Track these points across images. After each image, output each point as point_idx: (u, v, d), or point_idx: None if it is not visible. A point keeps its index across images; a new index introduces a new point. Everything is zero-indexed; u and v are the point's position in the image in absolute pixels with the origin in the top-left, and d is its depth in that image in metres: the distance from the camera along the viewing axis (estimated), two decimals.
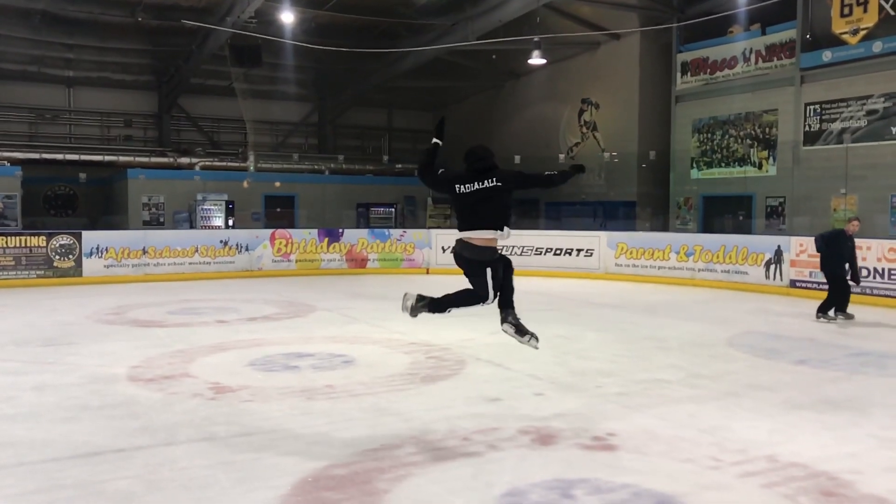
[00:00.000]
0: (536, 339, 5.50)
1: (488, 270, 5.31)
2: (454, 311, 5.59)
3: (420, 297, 5.58)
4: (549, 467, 4.52)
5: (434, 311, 5.56)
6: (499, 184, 5.23)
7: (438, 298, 5.57)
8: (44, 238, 15.36)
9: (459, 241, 5.36)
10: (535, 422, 5.48)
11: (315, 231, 18.32)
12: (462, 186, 5.30)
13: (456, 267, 5.48)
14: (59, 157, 22.14)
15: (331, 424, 5.40)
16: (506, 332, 5.53)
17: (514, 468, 4.49)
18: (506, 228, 5.28)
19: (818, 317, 10.66)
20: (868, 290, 12.62)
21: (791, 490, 4.17)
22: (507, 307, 5.50)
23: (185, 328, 9.81)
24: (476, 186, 5.26)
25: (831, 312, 10.67)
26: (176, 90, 25.10)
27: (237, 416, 5.62)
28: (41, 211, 23.10)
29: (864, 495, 4.12)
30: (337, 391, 6.37)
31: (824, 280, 10.85)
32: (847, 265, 10.60)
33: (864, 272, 12.62)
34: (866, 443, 5.07)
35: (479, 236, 5.26)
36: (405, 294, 5.65)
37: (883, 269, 12.48)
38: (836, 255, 10.55)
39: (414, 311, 5.58)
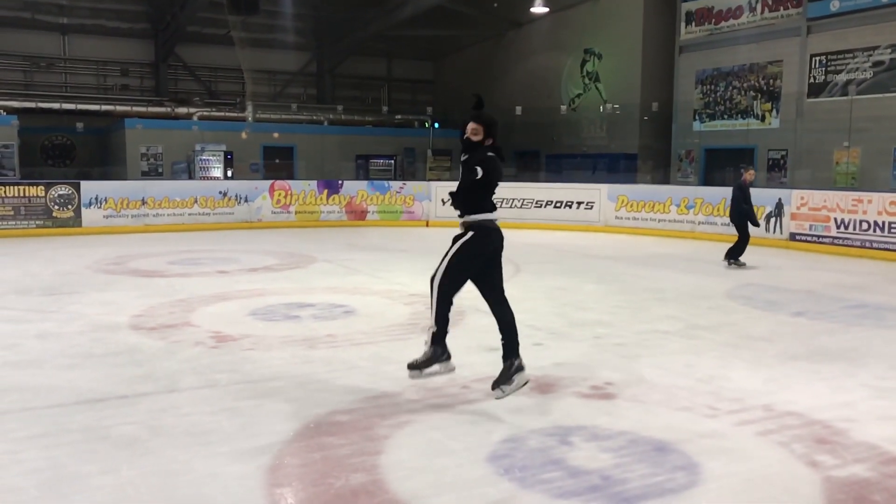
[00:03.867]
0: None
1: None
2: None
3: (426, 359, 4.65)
4: (547, 415, 4.59)
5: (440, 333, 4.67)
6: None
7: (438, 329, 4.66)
8: (42, 188, 15.30)
9: (497, 228, 4.61)
10: (533, 371, 5.52)
11: (314, 182, 18.25)
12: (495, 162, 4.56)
13: (454, 219, 4.79)
14: (56, 106, 21.86)
15: (332, 372, 5.46)
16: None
17: (512, 416, 4.54)
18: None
19: (730, 263, 11.15)
20: (868, 244, 12.63)
21: (786, 438, 4.24)
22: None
23: (185, 278, 9.83)
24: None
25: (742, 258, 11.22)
26: (172, 39, 24.68)
27: (239, 364, 5.67)
28: (38, 161, 22.92)
29: (858, 443, 4.19)
30: (338, 340, 6.42)
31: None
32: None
33: (864, 225, 12.65)
34: (860, 392, 5.14)
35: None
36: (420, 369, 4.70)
37: (883, 223, 12.46)
38: (741, 203, 11.08)
39: (431, 361, 4.65)
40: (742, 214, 11.12)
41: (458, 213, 4.68)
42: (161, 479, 3.65)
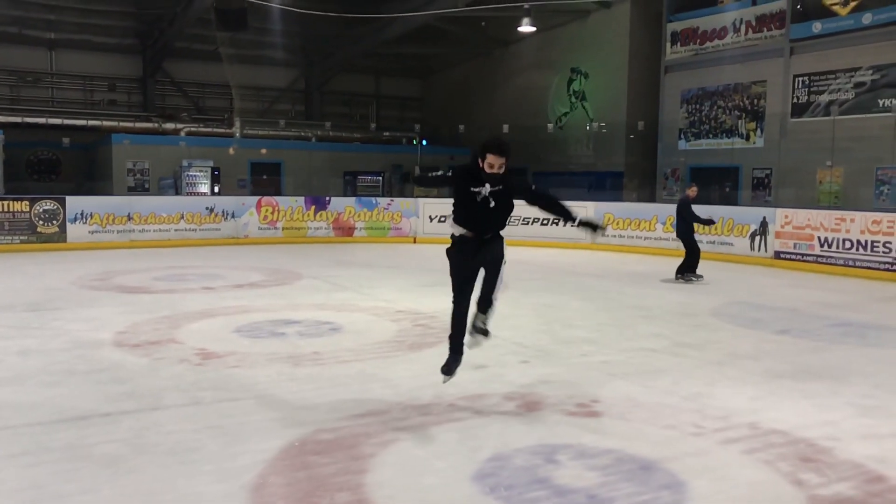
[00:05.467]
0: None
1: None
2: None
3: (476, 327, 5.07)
4: (533, 433, 4.57)
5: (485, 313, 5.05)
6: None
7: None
8: (27, 203, 15.18)
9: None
10: (520, 388, 5.53)
11: (302, 199, 18.22)
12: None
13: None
14: (42, 120, 21.75)
15: (317, 390, 5.43)
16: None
17: (498, 434, 4.53)
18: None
19: (677, 278, 11.47)
20: (851, 262, 12.75)
21: (771, 456, 4.25)
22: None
23: (170, 294, 9.77)
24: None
25: (695, 273, 11.49)
26: (160, 54, 24.69)
27: (224, 381, 5.63)
28: (24, 176, 22.76)
29: (842, 461, 4.20)
30: (324, 357, 6.39)
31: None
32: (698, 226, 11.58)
33: (847, 244, 12.78)
34: (845, 410, 5.16)
35: None
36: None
37: (866, 242, 12.59)
38: (687, 220, 11.38)
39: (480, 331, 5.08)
40: (688, 230, 11.44)
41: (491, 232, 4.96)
42: (144, 498, 3.61)
